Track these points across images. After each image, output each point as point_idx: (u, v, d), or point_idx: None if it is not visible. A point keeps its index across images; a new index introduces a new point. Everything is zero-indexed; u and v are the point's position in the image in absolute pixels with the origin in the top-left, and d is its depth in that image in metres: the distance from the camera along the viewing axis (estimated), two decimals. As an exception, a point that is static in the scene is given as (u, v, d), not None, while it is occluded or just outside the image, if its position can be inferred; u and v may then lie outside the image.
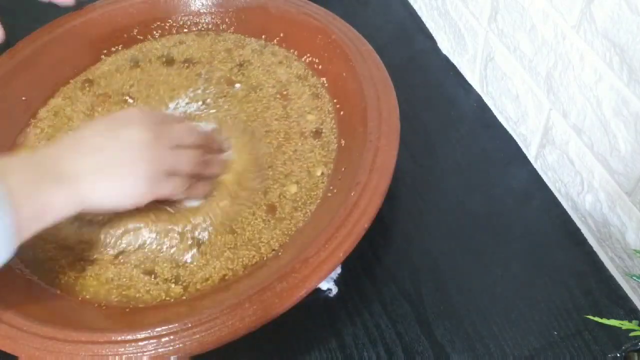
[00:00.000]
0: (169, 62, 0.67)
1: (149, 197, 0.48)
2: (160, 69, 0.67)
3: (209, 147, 0.54)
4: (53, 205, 0.43)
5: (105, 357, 0.43)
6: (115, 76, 0.66)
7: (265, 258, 0.51)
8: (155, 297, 0.50)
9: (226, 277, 0.50)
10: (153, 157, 0.46)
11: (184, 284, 0.50)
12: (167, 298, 0.50)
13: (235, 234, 0.52)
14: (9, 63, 0.64)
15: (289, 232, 0.52)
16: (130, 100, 0.64)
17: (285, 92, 0.63)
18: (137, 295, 0.50)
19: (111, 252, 0.52)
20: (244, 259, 0.51)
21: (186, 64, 0.66)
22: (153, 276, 0.51)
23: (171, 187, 0.49)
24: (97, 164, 0.45)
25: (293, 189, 0.55)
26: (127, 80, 0.66)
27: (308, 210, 0.53)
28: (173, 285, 0.50)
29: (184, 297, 0.49)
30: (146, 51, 0.69)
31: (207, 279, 0.50)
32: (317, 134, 0.59)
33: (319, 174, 0.56)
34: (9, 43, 0.66)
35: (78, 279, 0.51)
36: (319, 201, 0.54)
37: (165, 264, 0.51)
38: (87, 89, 0.65)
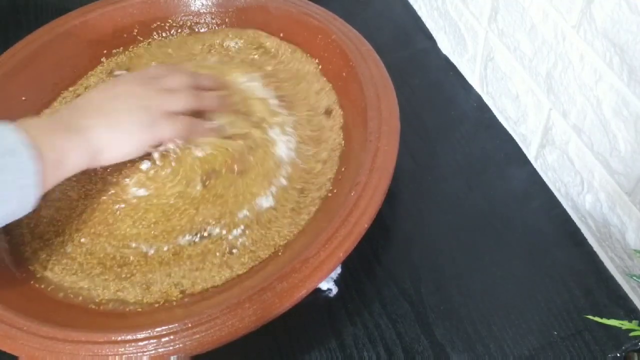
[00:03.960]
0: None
1: (151, 140, 0.52)
2: None
3: (199, 84, 0.57)
4: (70, 153, 0.47)
5: (105, 357, 0.43)
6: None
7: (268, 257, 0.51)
8: (153, 302, 0.49)
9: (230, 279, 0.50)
10: (145, 104, 0.51)
11: (182, 287, 0.50)
12: (166, 302, 0.49)
13: (276, 210, 0.53)
14: (9, 63, 0.64)
15: (299, 226, 0.52)
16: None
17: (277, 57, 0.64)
18: (136, 300, 0.50)
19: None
20: (264, 251, 0.51)
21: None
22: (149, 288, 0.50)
23: (171, 128, 0.52)
24: (101, 117, 0.50)
25: (318, 166, 0.56)
26: None
27: (315, 205, 0.53)
28: (172, 288, 0.50)
29: (184, 300, 0.49)
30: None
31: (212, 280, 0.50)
32: (328, 112, 0.60)
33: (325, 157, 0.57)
34: (9, 43, 0.66)
35: (79, 281, 0.51)
36: (320, 199, 0.54)
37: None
38: None
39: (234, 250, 0.51)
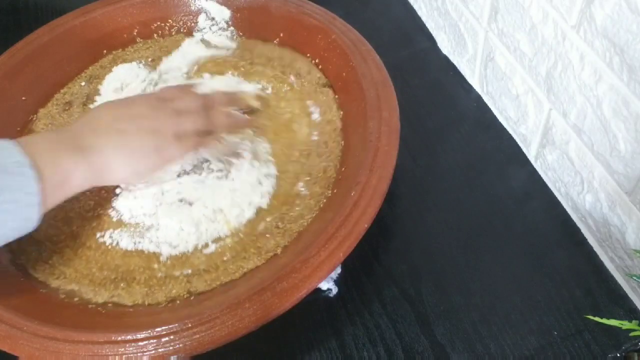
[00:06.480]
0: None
1: (159, 163, 0.52)
2: None
3: (211, 104, 0.57)
4: (73, 175, 0.47)
5: (105, 357, 0.43)
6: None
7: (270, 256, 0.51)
8: (155, 304, 0.49)
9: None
10: (156, 127, 0.51)
11: (195, 289, 0.50)
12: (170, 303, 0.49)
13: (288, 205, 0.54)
14: (9, 63, 0.64)
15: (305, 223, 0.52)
16: None
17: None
18: (134, 303, 0.50)
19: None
20: (272, 246, 0.51)
21: None
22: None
23: (181, 149, 0.52)
24: (109, 138, 0.50)
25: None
26: None
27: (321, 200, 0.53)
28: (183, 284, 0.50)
29: (189, 299, 0.49)
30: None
31: (214, 279, 0.50)
32: (327, 85, 0.62)
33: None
34: (8, 43, 0.66)
35: (65, 284, 0.51)
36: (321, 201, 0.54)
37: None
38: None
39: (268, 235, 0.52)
